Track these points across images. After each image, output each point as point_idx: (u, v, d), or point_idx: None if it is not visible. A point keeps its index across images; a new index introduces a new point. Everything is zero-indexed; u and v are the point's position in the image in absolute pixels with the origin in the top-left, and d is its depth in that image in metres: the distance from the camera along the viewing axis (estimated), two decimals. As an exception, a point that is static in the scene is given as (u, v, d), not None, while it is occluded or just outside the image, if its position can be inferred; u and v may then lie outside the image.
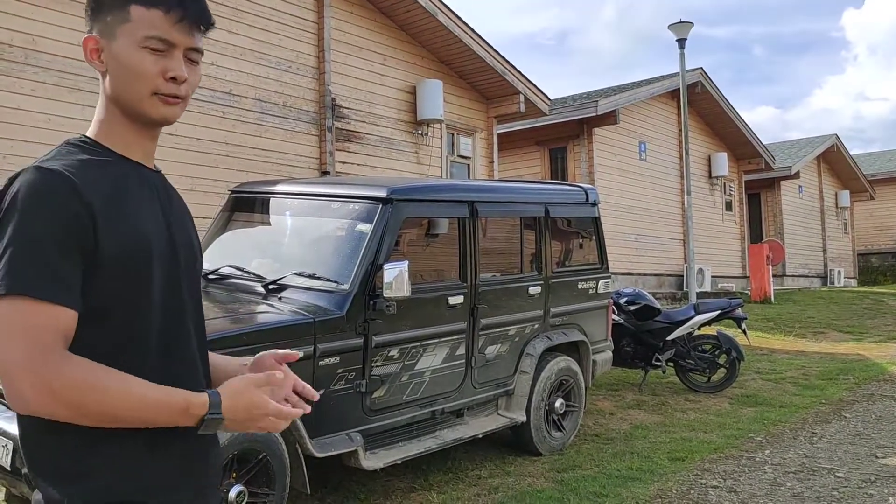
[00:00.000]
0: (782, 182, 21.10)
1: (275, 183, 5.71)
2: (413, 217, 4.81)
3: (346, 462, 4.25)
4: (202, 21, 1.37)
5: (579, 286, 6.08)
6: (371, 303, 4.28)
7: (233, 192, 5.65)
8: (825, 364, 9.52)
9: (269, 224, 5.42)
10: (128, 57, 1.32)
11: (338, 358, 4.13)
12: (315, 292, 4.29)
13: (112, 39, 1.32)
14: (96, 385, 1.20)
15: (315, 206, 5.09)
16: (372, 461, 4.28)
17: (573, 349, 5.99)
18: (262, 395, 1.32)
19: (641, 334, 7.71)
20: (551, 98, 12.86)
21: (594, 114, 13.88)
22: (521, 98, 11.94)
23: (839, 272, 23.21)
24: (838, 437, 6.05)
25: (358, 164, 10.11)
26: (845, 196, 24.32)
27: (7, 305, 1.18)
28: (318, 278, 4.39)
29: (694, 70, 15.99)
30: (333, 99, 9.66)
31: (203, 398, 1.27)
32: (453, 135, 11.74)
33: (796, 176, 20.87)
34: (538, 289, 5.62)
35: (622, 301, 7.79)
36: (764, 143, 19.40)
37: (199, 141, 8.21)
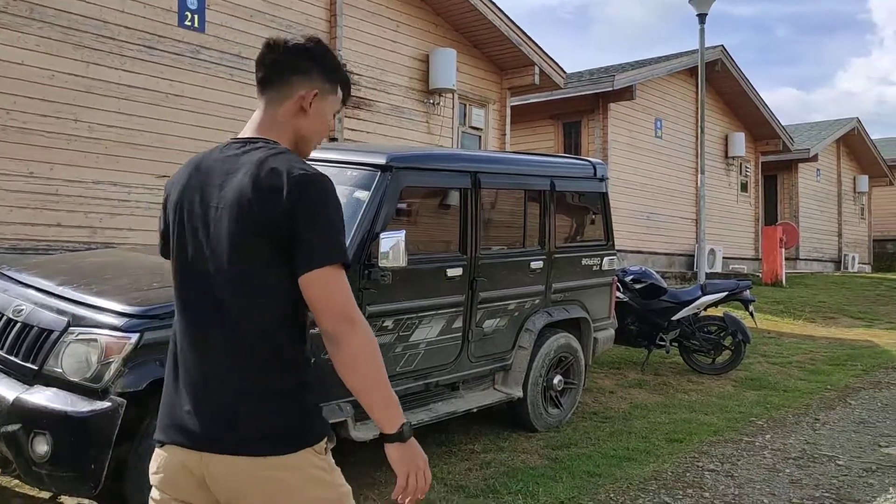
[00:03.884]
0: (800, 164, 20.80)
1: (276, 147, 5.60)
2: (413, 186, 4.69)
3: (335, 432, 4.19)
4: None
5: (583, 262, 5.98)
6: (366, 272, 4.18)
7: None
8: (833, 349, 9.39)
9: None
10: (327, 117, 1.89)
11: (330, 326, 4.05)
12: (309, 259, 4.20)
13: (323, 100, 1.86)
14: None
15: (315, 171, 4.98)
16: (362, 432, 4.22)
17: (574, 326, 5.89)
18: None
19: (646, 313, 7.60)
20: (567, 72, 12.65)
21: (610, 88, 13.66)
22: (536, 70, 11.76)
23: (853, 257, 22.96)
24: (841, 425, 5.95)
25: (367, 132, 10.00)
26: (864, 181, 23.98)
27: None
28: (313, 245, 4.30)
29: (714, 47, 15.66)
30: (344, 64, 9.51)
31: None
32: (465, 105, 11.59)
33: (815, 159, 20.55)
34: (540, 263, 5.51)
35: (628, 279, 7.67)
36: (783, 124, 19.08)
37: (205, 103, 8.09)
